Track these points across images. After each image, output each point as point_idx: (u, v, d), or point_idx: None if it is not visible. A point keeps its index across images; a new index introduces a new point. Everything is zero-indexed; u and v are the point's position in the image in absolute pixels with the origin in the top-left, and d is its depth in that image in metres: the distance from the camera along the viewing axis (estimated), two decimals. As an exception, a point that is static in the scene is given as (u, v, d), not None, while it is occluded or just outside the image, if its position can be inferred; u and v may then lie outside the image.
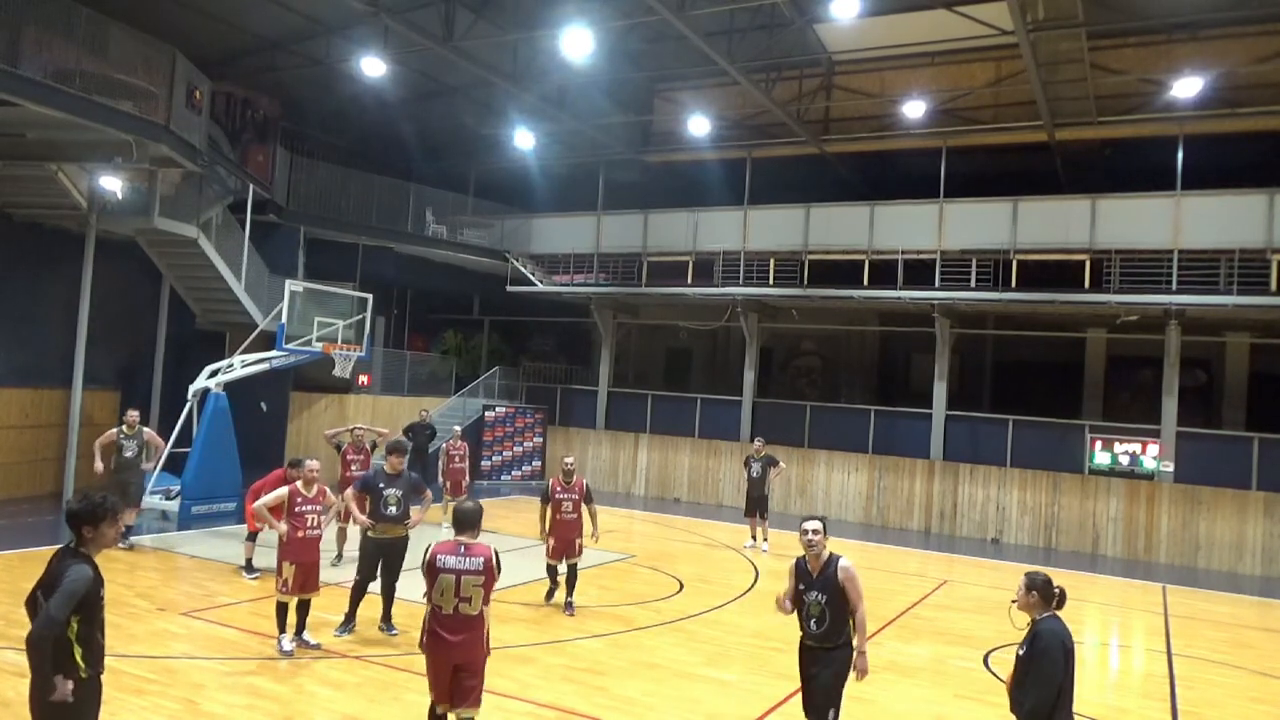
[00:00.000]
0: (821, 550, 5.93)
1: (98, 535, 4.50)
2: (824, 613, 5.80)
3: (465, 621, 5.78)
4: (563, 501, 10.51)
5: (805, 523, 5.98)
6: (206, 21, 18.17)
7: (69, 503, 4.60)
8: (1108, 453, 18.36)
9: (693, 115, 20.78)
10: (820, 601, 5.81)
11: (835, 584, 5.79)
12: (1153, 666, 10.40)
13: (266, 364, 16.05)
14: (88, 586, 4.29)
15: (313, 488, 8.65)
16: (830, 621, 5.81)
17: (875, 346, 25.85)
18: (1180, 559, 17.46)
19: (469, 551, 5.87)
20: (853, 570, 5.87)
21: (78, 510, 4.49)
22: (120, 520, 4.76)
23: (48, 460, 16.43)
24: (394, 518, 9.14)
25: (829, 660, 5.88)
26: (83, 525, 4.47)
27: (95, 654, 4.42)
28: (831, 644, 5.86)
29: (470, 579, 5.80)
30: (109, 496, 4.63)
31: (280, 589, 8.37)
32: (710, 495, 22.15)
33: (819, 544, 5.92)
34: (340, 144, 23.91)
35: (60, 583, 4.25)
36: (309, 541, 8.51)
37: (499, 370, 25.06)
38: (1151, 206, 17.68)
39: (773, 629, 10.54)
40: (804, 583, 5.94)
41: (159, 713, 6.79)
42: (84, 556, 4.43)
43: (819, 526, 5.94)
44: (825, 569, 5.87)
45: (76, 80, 12.26)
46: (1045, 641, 4.96)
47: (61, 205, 15.54)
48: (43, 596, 4.31)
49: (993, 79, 19.47)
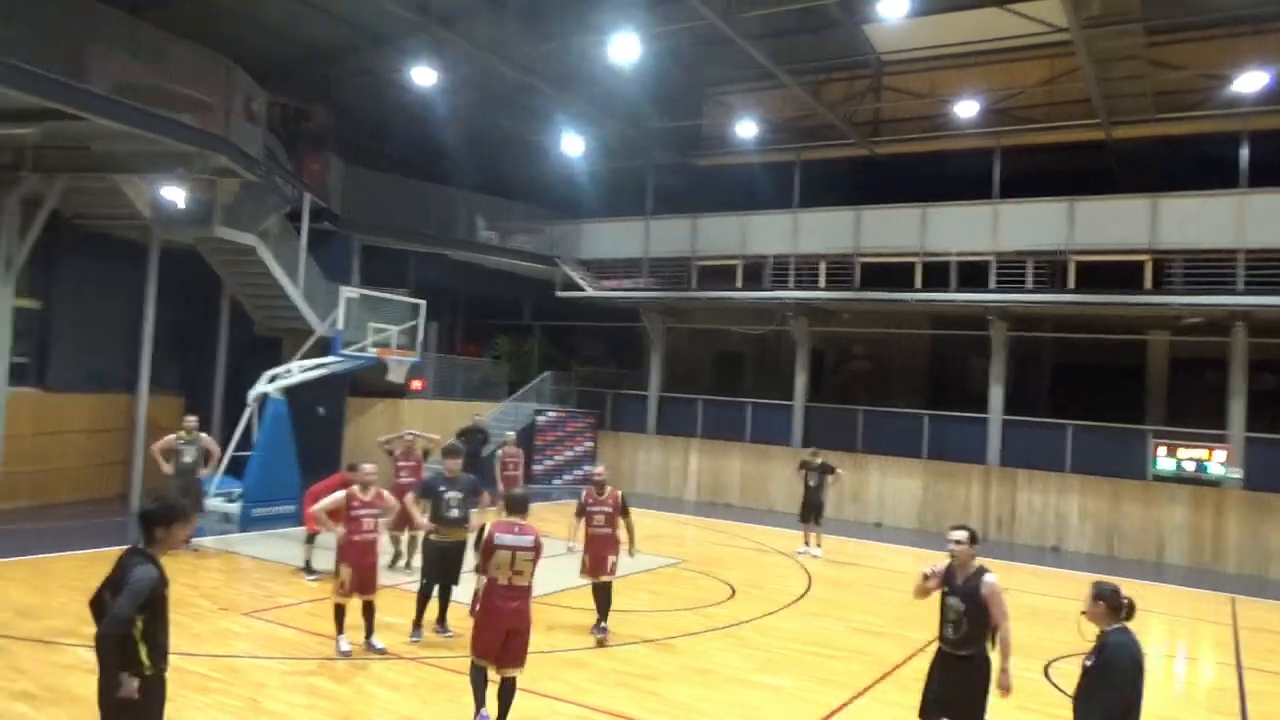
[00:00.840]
0: (967, 559, 6.04)
1: (169, 536, 4.61)
2: (961, 620, 5.94)
3: (518, 591, 6.72)
4: (594, 514, 9.70)
5: (950, 531, 6.13)
6: (262, 34, 18.59)
7: (144, 502, 4.70)
8: (1172, 458, 17.85)
9: (741, 118, 20.73)
10: (959, 609, 5.95)
11: (977, 596, 5.91)
12: (1222, 680, 10.08)
13: (324, 369, 16.33)
14: (153, 586, 4.38)
15: (370, 491, 8.74)
16: (966, 630, 5.92)
17: (928, 350, 25.48)
18: (1250, 569, 16.91)
19: (522, 530, 6.83)
20: (997, 587, 5.95)
21: (154, 511, 4.60)
22: (192, 523, 4.88)
23: (114, 464, 16.89)
24: (456, 520, 9.15)
25: (959, 669, 5.96)
26: (156, 526, 4.57)
27: (160, 652, 4.51)
28: (964, 652, 5.94)
29: (523, 554, 6.72)
30: (183, 500, 4.75)
31: (338, 591, 8.51)
32: (761, 500, 22.01)
33: (960, 552, 6.03)
34: (392, 152, 24.27)
35: (126, 582, 4.35)
36: (366, 544, 8.61)
37: (550, 375, 25.18)
38: (1215, 205, 17.20)
39: (826, 636, 10.45)
40: (948, 587, 6.08)
41: (223, 710, 6.93)
42: (150, 556, 4.52)
43: (962, 536, 6.06)
44: (971, 579, 5.99)
45: (139, 94, 12.60)
46: (1113, 654, 4.84)
47: (125, 216, 15.99)
48: (109, 595, 4.41)
49: (1046, 77, 19.10)
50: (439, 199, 23.20)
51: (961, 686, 5.94)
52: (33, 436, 15.61)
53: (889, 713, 7.93)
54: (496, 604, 6.63)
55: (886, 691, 8.52)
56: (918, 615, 11.76)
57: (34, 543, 12.32)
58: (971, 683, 5.91)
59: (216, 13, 17.23)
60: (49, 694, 6.97)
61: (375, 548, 8.74)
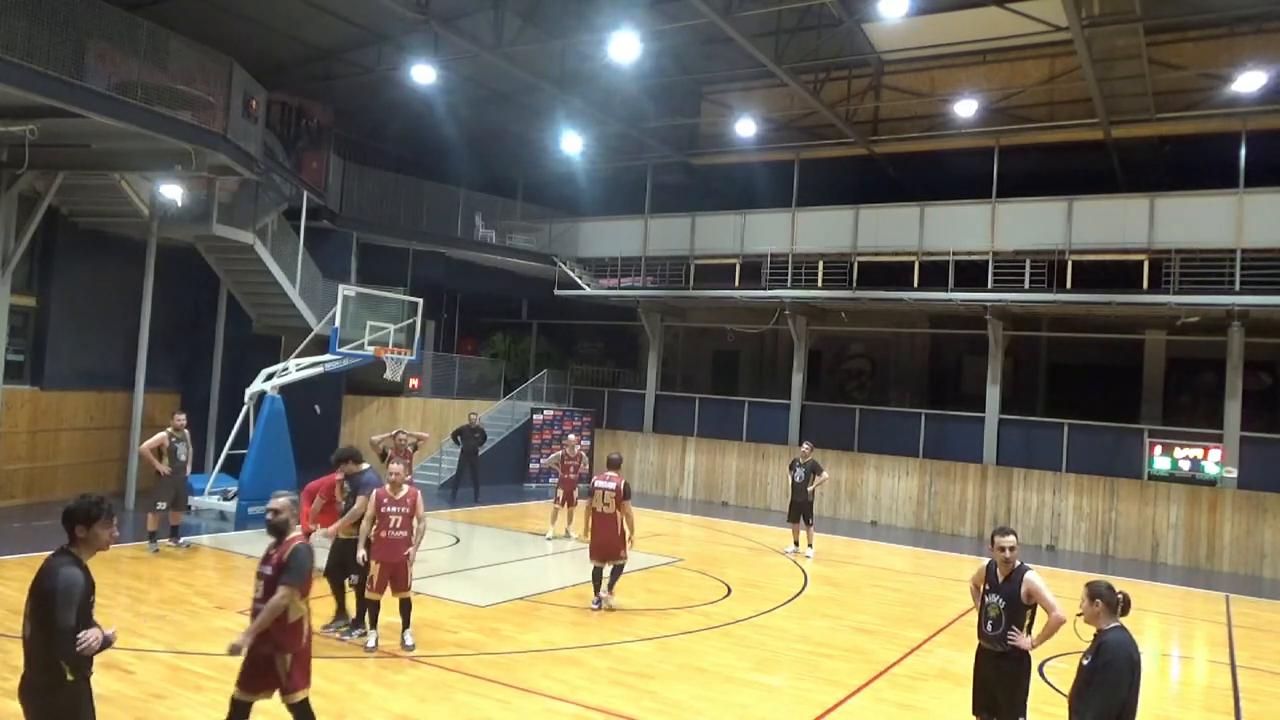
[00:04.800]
0: (1014, 560, 6.23)
1: (90, 536, 4.38)
2: (1000, 616, 6.13)
3: (607, 517, 10.69)
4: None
5: (1001, 537, 6.28)
6: (261, 32, 18.56)
7: (68, 501, 4.45)
8: (1167, 458, 17.89)
9: (740, 117, 20.72)
10: (999, 605, 6.16)
11: (1017, 593, 6.10)
12: (1216, 679, 10.10)
13: (320, 367, 16.33)
14: (81, 588, 4.21)
15: (400, 490, 8.84)
16: (1005, 626, 6.11)
17: (925, 349, 25.51)
18: (1244, 568, 16.94)
19: (610, 480, 10.78)
20: (1037, 582, 6.14)
21: (73, 509, 4.36)
22: (115, 524, 4.57)
23: (111, 461, 16.89)
24: None
25: (999, 665, 6.16)
26: (76, 524, 4.34)
27: (83, 658, 4.29)
28: (1002, 648, 6.11)
29: (608, 493, 10.69)
30: (105, 499, 4.49)
31: (368, 588, 8.68)
32: (758, 499, 22.03)
33: (1013, 559, 6.23)
34: (391, 150, 24.26)
35: (53, 591, 4.17)
36: (392, 542, 8.70)
37: (547, 373, 25.20)
38: (1213, 205, 17.20)
39: (822, 635, 10.47)
40: (989, 585, 6.30)
41: (218, 709, 6.91)
42: (74, 558, 4.32)
43: (1013, 543, 6.24)
44: (1011, 577, 6.19)
45: (138, 91, 12.57)
46: (1111, 652, 4.85)
47: (124, 213, 15.98)
48: (30, 604, 4.22)
49: (1046, 76, 19.10)
50: (437, 197, 23.19)
51: (1001, 681, 6.17)
52: (28, 434, 15.62)
53: (884, 711, 7.95)
54: (596, 525, 10.75)
55: (881, 690, 8.53)
56: (912, 614, 11.81)
57: (29, 540, 12.32)
58: (1012, 677, 6.15)
59: (216, 10, 17.21)
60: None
61: (403, 545, 8.77)
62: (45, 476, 15.92)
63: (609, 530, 10.65)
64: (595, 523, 10.76)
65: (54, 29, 11.50)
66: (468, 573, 12.75)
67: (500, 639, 9.34)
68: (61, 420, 16.25)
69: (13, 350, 15.06)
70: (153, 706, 6.81)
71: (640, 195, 23.68)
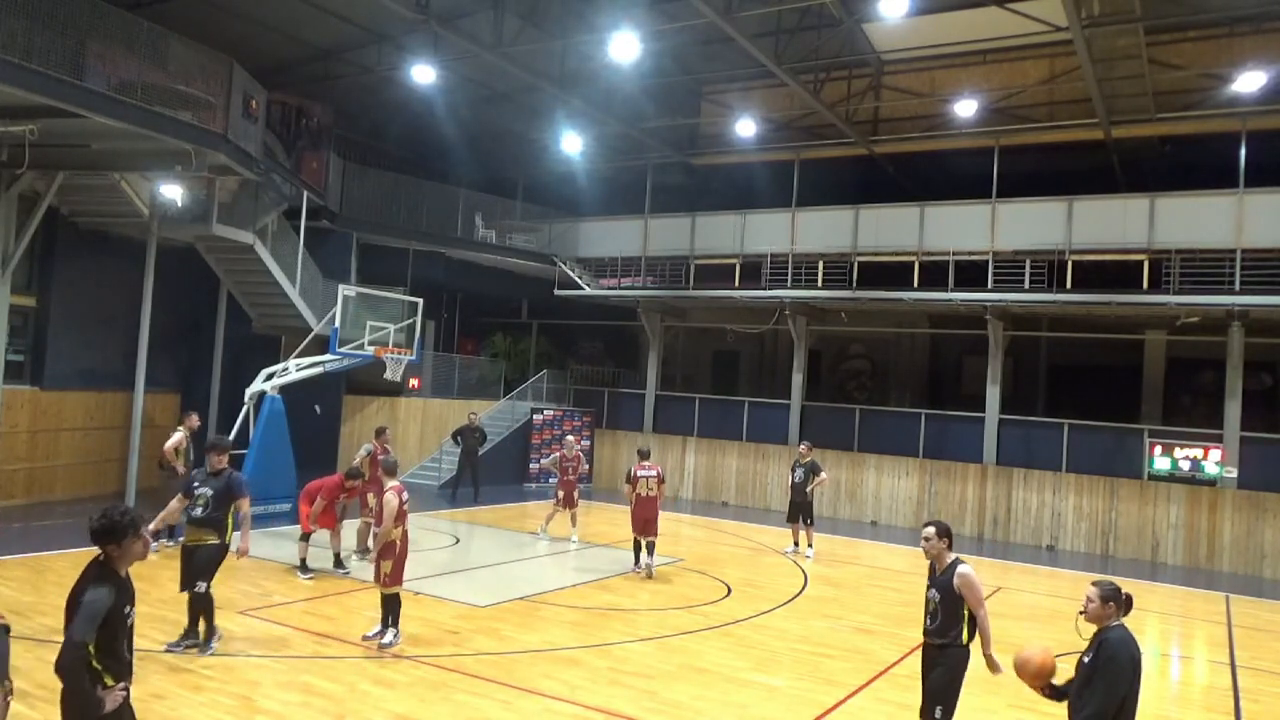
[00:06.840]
0: (940, 552, 6.32)
1: (123, 551, 4.43)
2: (937, 610, 6.26)
3: (649, 500, 12.79)
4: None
5: (923, 530, 6.44)
6: (261, 32, 18.57)
7: (91, 521, 4.46)
8: (1167, 458, 17.88)
9: (740, 117, 20.71)
10: (934, 600, 6.28)
11: (950, 586, 6.21)
12: (1216, 679, 10.10)
13: (320, 367, 16.33)
14: (107, 607, 4.26)
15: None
16: (941, 619, 6.22)
17: (925, 349, 25.50)
18: (1244, 568, 16.94)
19: (650, 468, 13.09)
20: (971, 578, 6.21)
21: (98, 529, 4.41)
22: (146, 533, 4.62)
23: (111, 461, 16.90)
24: (198, 520, 8.31)
25: (940, 658, 6.27)
26: (107, 544, 4.40)
27: (121, 669, 4.40)
28: (942, 640, 6.24)
29: (652, 479, 12.89)
30: (130, 511, 4.51)
31: (384, 582, 8.77)
32: (758, 499, 22.03)
33: (929, 548, 6.35)
34: (391, 150, 24.26)
35: (80, 604, 4.24)
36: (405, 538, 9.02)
37: (547, 373, 25.20)
38: (1213, 205, 17.19)
39: (822, 635, 10.47)
40: (929, 579, 6.41)
41: (217, 708, 6.94)
42: (108, 573, 4.39)
43: (930, 532, 6.36)
44: (945, 571, 6.29)
45: (138, 91, 12.57)
46: (1113, 650, 4.84)
47: (124, 213, 15.98)
48: (66, 615, 4.30)
49: (1046, 76, 19.09)
50: (437, 197, 23.20)
51: (938, 673, 6.27)
52: (28, 434, 15.62)
53: (884, 711, 7.94)
54: (640, 507, 12.77)
55: (881, 690, 8.53)
56: (912, 614, 11.79)
57: (30, 540, 12.31)
58: (945, 669, 6.24)
59: (216, 10, 17.22)
60: (44, 693, 6.94)
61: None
62: (45, 476, 15.93)
63: (652, 508, 12.82)
64: (639, 503, 12.83)
65: (54, 29, 11.50)
66: (468, 573, 12.75)
67: (500, 639, 9.33)
68: (61, 420, 16.26)
69: (13, 350, 15.07)
70: (153, 706, 6.81)
71: (640, 195, 23.67)
